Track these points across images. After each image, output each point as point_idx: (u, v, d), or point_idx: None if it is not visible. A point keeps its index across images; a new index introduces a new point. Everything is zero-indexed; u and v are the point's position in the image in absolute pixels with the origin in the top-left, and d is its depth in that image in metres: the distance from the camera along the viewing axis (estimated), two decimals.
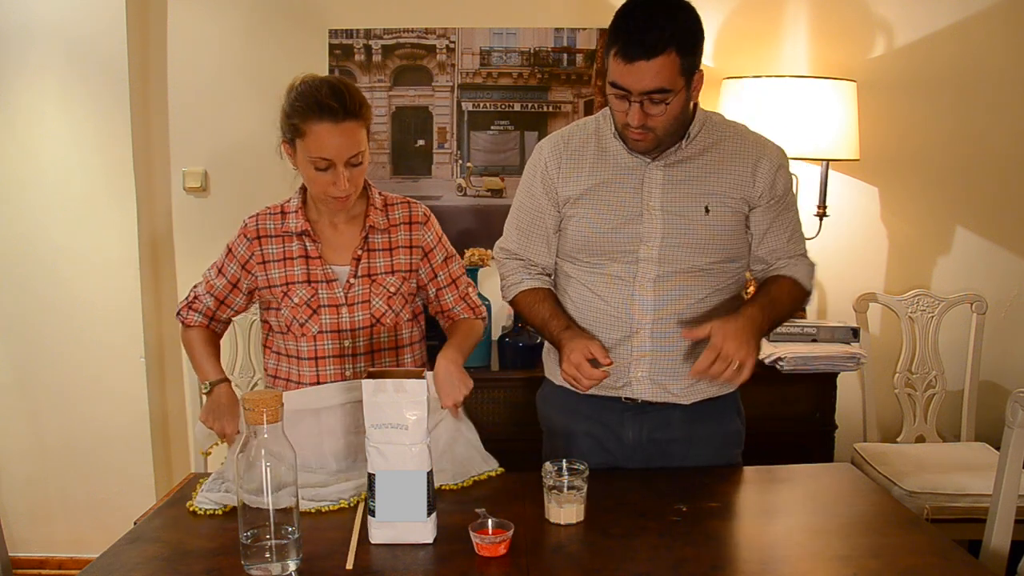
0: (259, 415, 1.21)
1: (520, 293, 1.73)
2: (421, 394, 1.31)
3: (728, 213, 1.61)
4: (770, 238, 1.67)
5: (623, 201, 1.61)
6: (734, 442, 1.75)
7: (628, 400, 1.67)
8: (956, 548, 1.33)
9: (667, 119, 1.50)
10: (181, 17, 2.75)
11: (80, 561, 2.75)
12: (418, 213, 1.77)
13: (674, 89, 1.46)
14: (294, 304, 1.68)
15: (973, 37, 2.77)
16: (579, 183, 1.65)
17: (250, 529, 1.23)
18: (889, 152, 2.80)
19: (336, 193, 1.61)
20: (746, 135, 1.66)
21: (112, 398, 2.72)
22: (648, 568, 1.26)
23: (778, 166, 1.63)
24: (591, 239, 1.64)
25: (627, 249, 1.61)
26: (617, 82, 1.47)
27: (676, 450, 1.70)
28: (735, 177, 1.61)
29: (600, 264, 1.65)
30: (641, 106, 1.47)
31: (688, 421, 1.67)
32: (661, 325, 1.62)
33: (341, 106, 1.55)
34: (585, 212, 1.64)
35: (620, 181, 1.62)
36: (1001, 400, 1.83)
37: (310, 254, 1.70)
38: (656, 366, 1.64)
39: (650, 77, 1.44)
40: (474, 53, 2.78)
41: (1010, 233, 2.88)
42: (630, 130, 1.52)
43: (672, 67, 1.44)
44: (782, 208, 1.66)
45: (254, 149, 2.75)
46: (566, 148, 1.68)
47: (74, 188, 2.66)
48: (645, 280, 1.61)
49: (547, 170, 1.68)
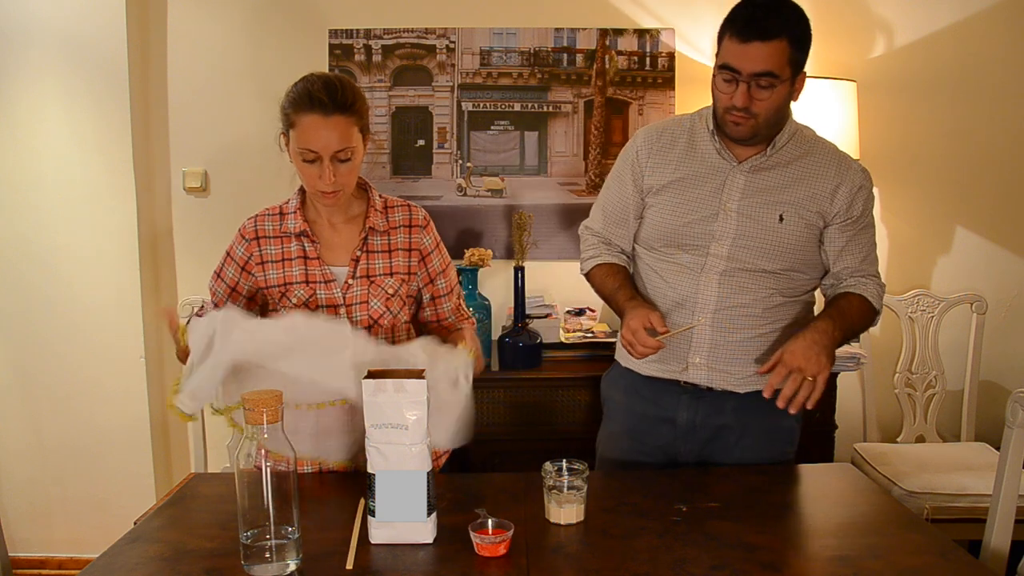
0: (259, 415, 1.21)
1: (596, 266, 1.82)
2: (421, 394, 1.31)
3: (802, 225, 1.66)
4: (845, 257, 1.70)
5: (703, 198, 1.68)
6: (786, 439, 1.76)
7: (687, 384, 1.72)
8: (956, 548, 1.33)
9: (770, 106, 1.56)
10: (181, 17, 2.75)
11: (80, 561, 2.75)
12: (418, 217, 1.77)
13: (781, 76, 1.53)
14: (292, 304, 1.68)
15: (973, 37, 2.77)
16: (665, 174, 1.72)
17: (250, 529, 1.23)
18: (889, 152, 2.80)
19: (322, 187, 1.61)
20: (833, 153, 1.71)
21: (112, 398, 2.72)
22: (648, 568, 1.26)
23: (859, 187, 1.67)
24: (667, 229, 1.71)
25: (699, 244, 1.68)
26: (729, 63, 1.54)
27: (728, 437, 1.73)
28: (814, 192, 1.66)
29: (672, 254, 1.72)
30: (748, 88, 1.54)
31: (741, 410, 1.71)
32: (722, 315, 1.68)
33: (331, 100, 1.57)
34: (666, 203, 1.71)
35: (704, 179, 1.68)
36: (1001, 400, 1.83)
37: (308, 254, 1.69)
38: (714, 354, 1.69)
39: (762, 59, 1.51)
40: (474, 53, 2.78)
41: (1010, 233, 2.88)
42: (732, 113, 1.58)
43: (783, 54, 1.52)
44: (859, 229, 1.69)
45: (254, 149, 2.75)
46: (659, 139, 1.75)
47: (74, 188, 2.66)
48: (712, 272, 1.67)
49: (638, 157, 1.76)
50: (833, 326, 1.59)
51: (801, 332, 1.58)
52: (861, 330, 1.72)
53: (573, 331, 2.61)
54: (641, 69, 2.80)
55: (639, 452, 1.80)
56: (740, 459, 1.73)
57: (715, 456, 1.75)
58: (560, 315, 2.67)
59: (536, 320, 2.58)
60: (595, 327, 2.65)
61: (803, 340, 1.55)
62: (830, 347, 1.56)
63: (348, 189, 1.65)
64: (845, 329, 1.62)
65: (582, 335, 2.59)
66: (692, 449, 1.76)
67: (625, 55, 2.80)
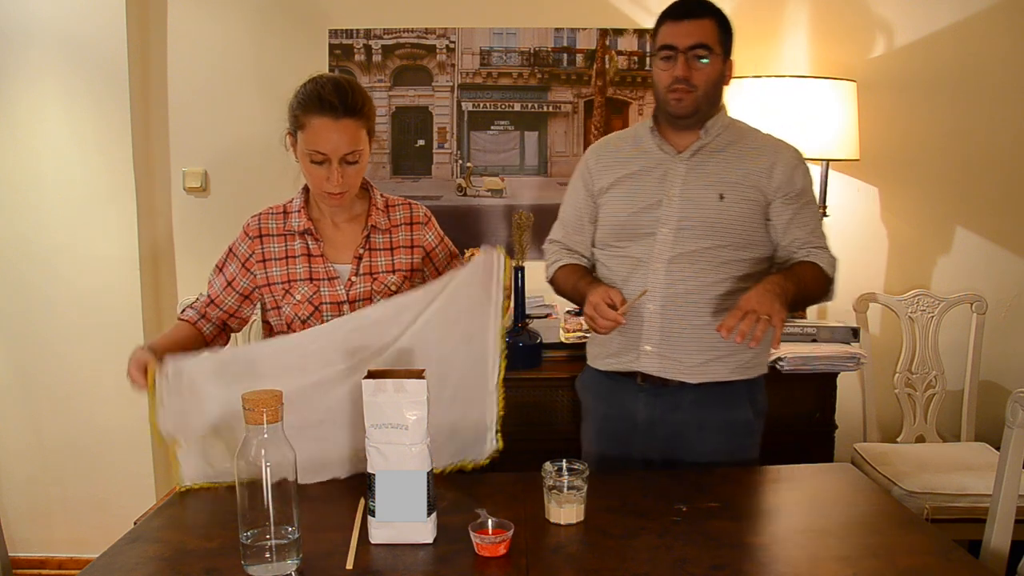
0: (259, 415, 1.21)
1: (558, 269, 1.92)
2: (421, 394, 1.31)
3: (742, 201, 1.73)
4: (793, 230, 1.76)
5: (647, 189, 1.78)
6: (744, 432, 1.79)
7: (643, 382, 1.77)
8: (956, 548, 1.33)
9: (707, 79, 1.71)
10: (181, 17, 2.75)
11: (80, 561, 2.75)
12: (419, 214, 1.79)
13: (714, 50, 1.70)
14: (296, 301, 1.70)
15: (973, 37, 2.77)
16: (613, 174, 1.83)
17: (250, 529, 1.23)
18: (889, 152, 2.80)
19: (329, 188, 1.63)
20: (766, 136, 1.82)
21: (112, 398, 2.72)
22: (648, 568, 1.26)
23: (795, 164, 1.77)
24: (616, 223, 1.81)
25: (646, 232, 1.76)
26: (667, 42, 1.71)
27: (686, 432, 1.77)
28: (751, 170, 1.75)
29: (624, 247, 1.79)
30: (686, 61, 1.69)
31: (697, 404, 1.76)
32: (671, 302, 1.73)
33: (341, 103, 1.59)
34: (615, 199, 1.82)
35: (647, 172, 1.79)
36: (1001, 400, 1.83)
37: (312, 252, 1.71)
38: (665, 342, 1.74)
39: (696, 33, 1.69)
40: (474, 53, 2.78)
41: (1010, 233, 2.88)
42: (674, 90, 1.70)
43: (713, 31, 1.70)
44: (802, 204, 1.77)
45: (254, 149, 2.75)
46: (605, 147, 1.90)
47: (74, 188, 2.66)
48: (660, 260, 1.74)
49: (587, 166, 1.89)
50: (784, 279, 1.64)
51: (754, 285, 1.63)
52: (816, 295, 1.79)
53: (573, 331, 2.61)
54: (641, 69, 2.80)
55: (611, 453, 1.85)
56: (702, 454, 1.76)
57: (678, 453, 1.78)
58: (560, 315, 2.67)
59: (536, 320, 2.58)
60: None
61: (756, 289, 1.60)
62: (782, 296, 1.59)
63: (353, 190, 1.68)
64: (797, 284, 1.66)
65: (582, 335, 2.58)
66: (655, 447, 1.80)
67: (625, 55, 2.80)
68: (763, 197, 1.74)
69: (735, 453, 1.77)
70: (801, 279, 1.69)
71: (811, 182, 1.81)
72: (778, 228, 1.77)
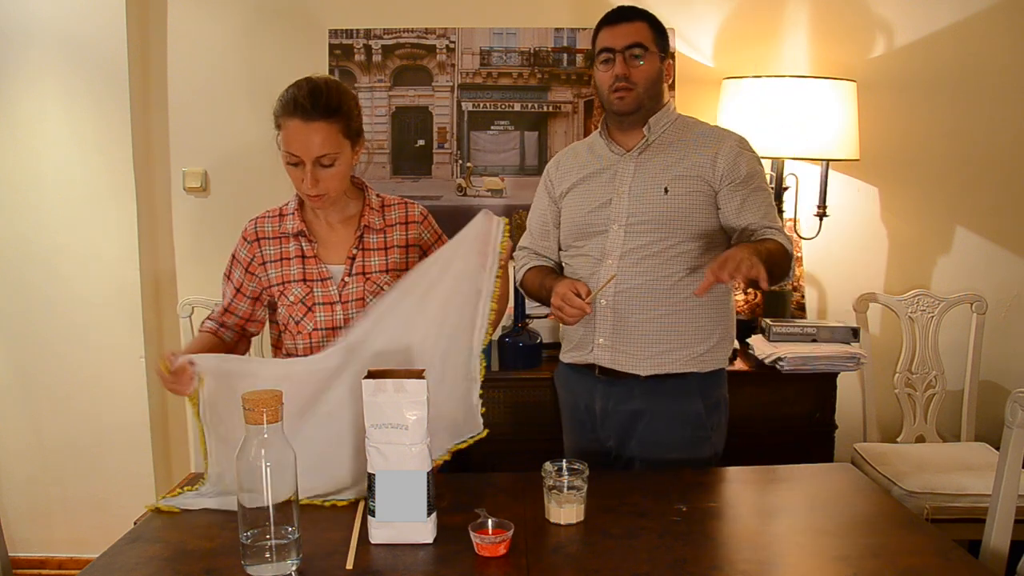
0: (259, 415, 1.21)
1: (526, 272, 2.00)
2: (421, 394, 1.31)
3: (687, 193, 1.79)
4: (745, 215, 1.79)
5: (600, 188, 1.87)
6: (695, 424, 1.83)
7: (600, 374, 1.85)
8: (956, 548, 1.33)
9: (646, 76, 1.79)
10: (181, 17, 2.75)
11: (80, 561, 2.75)
12: (414, 213, 1.80)
13: (649, 49, 1.79)
14: (290, 302, 1.71)
15: (973, 37, 2.77)
16: (570, 178, 1.93)
17: (250, 529, 1.23)
18: (889, 152, 2.80)
19: (305, 190, 1.64)
20: (710, 128, 1.89)
21: (112, 398, 2.72)
22: (648, 568, 1.26)
23: (737, 151, 1.81)
24: (573, 223, 1.90)
25: (599, 230, 1.84)
26: (605, 45, 1.80)
27: (638, 422, 1.83)
28: (695, 162, 1.81)
29: (581, 245, 1.88)
30: (624, 60, 1.77)
31: (647, 394, 1.82)
32: (621, 297, 1.79)
33: (312, 106, 1.58)
34: (572, 200, 1.91)
35: (600, 173, 1.88)
36: (1001, 400, 1.83)
37: (306, 253, 1.72)
38: (616, 336, 1.81)
39: (630, 34, 1.79)
40: (474, 53, 2.78)
41: (1010, 233, 2.88)
42: (615, 89, 1.78)
43: (646, 32, 1.80)
44: (751, 190, 1.80)
45: (254, 149, 2.75)
46: (564, 155, 2.00)
47: (74, 188, 2.66)
48: (612, 256, 1.81)
49: (548, 175, 2.00)
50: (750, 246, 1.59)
51: None
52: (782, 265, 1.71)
53: None
54: None
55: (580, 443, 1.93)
56: (653, 444, 1.82)
57: (632, 441, 1.84)
58: None
59: (536, 320, 2.58)
60: None
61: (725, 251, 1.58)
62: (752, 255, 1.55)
63: (333, 193, 1.67)
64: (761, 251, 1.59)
65: None
66: (611, 436, 1.87)
67: None
68: (709, 187, 1.79)
69: (686, 445, 1.82)
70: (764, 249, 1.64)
71: (760, 168, 1.84)
72: (728, 215, 1.80)
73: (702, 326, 1.82)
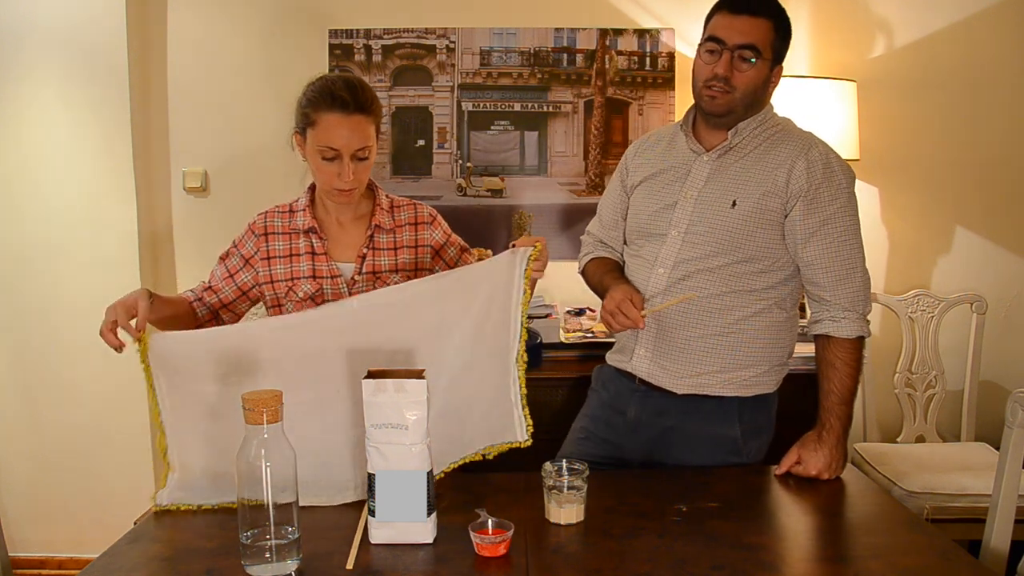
0: (259, 415, 1.21)
1: (589, 261, 1.90)
2: (421, 394, 1.31)
3: (755, 209, 1.63)
4: (812, 247, 1.62)
5: (668, 188, 1.73)
6: (729, 449, 1.71)
7: (639, 383, 1.75)
8: (956, 548, 1.33)
9: (748, 82, 1.61)
10: (181, 17, 2.75)
11: (80, 561, 2.75)
12: (423, 214, 1.80)
13: (763, 55, 1.59)
14: (299, 299, 1.71)
15: (973, 37, 2.77)
16: (644, 170, 1.79)
17: (250, 529, 1.23)
18: (889, 152, 2.80)
19: (340, 185, 1.63)
20: (800, 135, 1.69)
21: (112, 398, 2.72)
22: (648, 568, 1.26)
23: (822, 163, 1.62)
24: (637, 221, 1.78)
25: (660, 233, 1.71)
26: (716, 34, 1.60)
27: (669, 440, 1.74)
28: (771, 171, 1.63)
29: (640, 246, 1.77)
30: (731, 60, 1.59)
31: (682, 413, 1.72)
32: (669, 310, 1.68)
33: (352, 99, 1.60)
34: (640, 196, 1.78)
35: (673, 171, 1.73)
36: (1001, 400, 1.83)
37: (316, 251, 1.73)
38: (657, 348, 1.71)
39: (748, 32, 1.58)
40: (474, 53, 2.78)
41: (1010, 233, 2.88)
42: (711, 87, 1.61)
43: (767, 34, 1.59)
44: (827, 216, 1.61)
45: (255, 149, 2.75)
46: (645, 141, 1.85)
47: (74, 188, 2.66)
48: (664, 264, 1.69)
49: (626, 160, 1.86)
50: (840, 424, 1.67)
51: (815, 441, 1.65)
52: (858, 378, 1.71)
53: (573, 331, 2.61)
54: (641, 69, 2.80)
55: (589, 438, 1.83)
56: (681, 461, 1.72)
57: (658, 455, 1.74)
58: (560, 315, 2.67)
59: (536, 320, 2.58)
60: (595, 327, 2.65)
61: (822, 457, 1.62)
62: (843, 453, 1.63)
63: (363, 187, 1.70)
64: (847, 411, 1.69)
65: (582, 335, 2.59)
66: (636, 447, 1.77)
67: (625, 55, 2.80)
68: (779, 204, 1.62)
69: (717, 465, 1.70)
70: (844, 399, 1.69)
71: (842, 194, 1.62)
72: (799, 239, 1.63)
73: (751, 353, 1.68)
